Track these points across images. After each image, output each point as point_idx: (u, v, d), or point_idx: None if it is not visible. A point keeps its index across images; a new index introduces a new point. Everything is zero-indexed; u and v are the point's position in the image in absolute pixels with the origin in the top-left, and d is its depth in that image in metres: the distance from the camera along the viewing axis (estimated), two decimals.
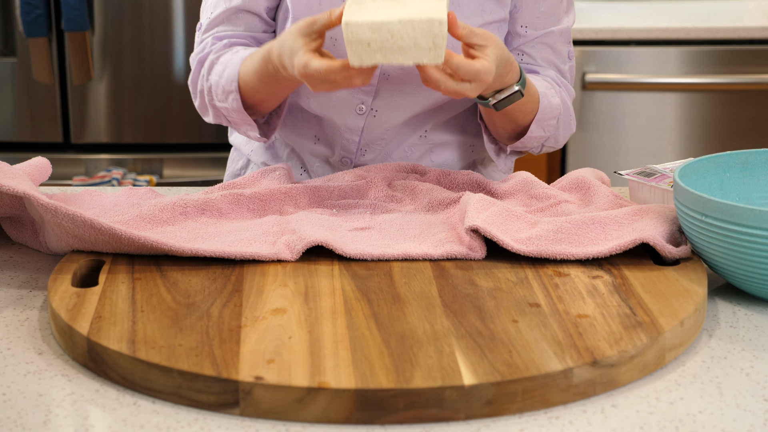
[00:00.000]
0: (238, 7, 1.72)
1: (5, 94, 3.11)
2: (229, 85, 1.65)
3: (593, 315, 1.25)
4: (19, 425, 1.10)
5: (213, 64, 1.70)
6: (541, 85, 1.70)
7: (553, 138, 1.76)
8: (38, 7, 3.00)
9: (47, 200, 1.39)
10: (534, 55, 1.75)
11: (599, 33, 3.00)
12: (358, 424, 1.11)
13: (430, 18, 1.42)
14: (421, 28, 1.42)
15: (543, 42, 1.75)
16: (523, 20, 1.73)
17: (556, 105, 1.71)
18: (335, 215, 1.54)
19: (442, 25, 1.42)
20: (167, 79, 3.10)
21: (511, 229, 1.44)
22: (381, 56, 1.44)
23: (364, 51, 1.44)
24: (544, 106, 1.69)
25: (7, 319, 1.33)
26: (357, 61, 1.44)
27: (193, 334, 1.21)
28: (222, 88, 1.67)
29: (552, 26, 1.74)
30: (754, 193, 1.49)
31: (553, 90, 1.72)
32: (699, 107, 3.05)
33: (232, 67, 1.66)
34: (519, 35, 1.74)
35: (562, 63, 1.78)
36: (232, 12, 1.73)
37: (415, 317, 1.25)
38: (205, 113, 1.75)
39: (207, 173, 3.15)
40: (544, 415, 1.12)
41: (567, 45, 1.78)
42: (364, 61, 1.44)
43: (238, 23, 1.73)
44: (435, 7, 1.44)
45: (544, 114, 1.69)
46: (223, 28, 1.74)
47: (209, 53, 1.72)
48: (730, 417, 1.12)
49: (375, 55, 1.44)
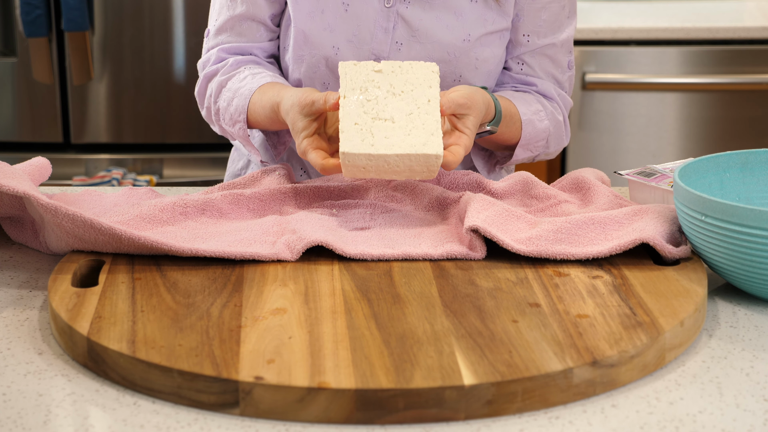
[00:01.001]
0: (241, 15, 1.73)
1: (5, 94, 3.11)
2: (238, 116, 1.68)
3: (593, 315, 1.25)
4: (19, 425, 1.10)
5: (221, 87, 1.72)
6: (528, 110, 1.73)
7: (544, 154, 1.80)
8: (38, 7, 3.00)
9: (47, 200, 1.39)
10: (534, 66, 1.77)
11: (599, 33, 3.00)
12: (358, 424, 1.11)
13: (426, 154, 1.46)
14: (417, 161, 1.47)
15: (544, 53, 1.76)
16: (525, 29, 1.74)
17: (542, 129, 1.74)
18: (335, 215, 1.54)
19: (438, 159, 1.47)
20: (167, 79, 3.10)
21: (511, 229, 1.44)
22: (375, 174, 1.48)
23: (359, 171, 1.48)
24: (528, 132, 1.72)
25: (7, 319, 1.33)
26: (350, 176, 1.49)
27: (193, 334, 1.21)
28: (230, 115, 1.70)
29: (554, 36, 1.75)
30: (754, 193, 1.49)
31: (543, 113, 1.75)
32: (699, 107, 3.05)
33: (241, 99, 1.68)
34: (521, 44, 1.75)
35: (561, 74, 1.79)
36: (236, 20, 1.74)
37: (415, 317, 1.25)
38: (212, 125, 1.79)
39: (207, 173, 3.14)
40: (544, 415, 1.12)
41: (568, 55, 1.78)
42: (358, 176, 1.49)
43: (243, 32, 1.74)
44: (431, 141, 1.47)
45: (528, 140, 1.73)
46: (228, 38, 1.75)
47: (216, 72, 1.74)
48: (730, 417, 1.12)
49: (369, 174, 1.48)
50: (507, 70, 1.78)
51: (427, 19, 1.69)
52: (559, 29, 1.75)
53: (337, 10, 1.68)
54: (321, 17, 1.69)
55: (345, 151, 1.46)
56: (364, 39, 1.68)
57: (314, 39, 1.69)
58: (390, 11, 1.69)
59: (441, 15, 1.69)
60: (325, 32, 1.69)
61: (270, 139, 1.75)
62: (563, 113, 1.80)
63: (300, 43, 1.70)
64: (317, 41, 1.69)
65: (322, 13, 1.69)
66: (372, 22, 1.69)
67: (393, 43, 1.69)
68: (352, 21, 1.69)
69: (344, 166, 1.47)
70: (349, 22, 1.69)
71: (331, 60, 1.69)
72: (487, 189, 1.61)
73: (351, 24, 1.69)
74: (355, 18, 1.69)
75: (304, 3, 1.69)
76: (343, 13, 1.68)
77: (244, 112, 1.67)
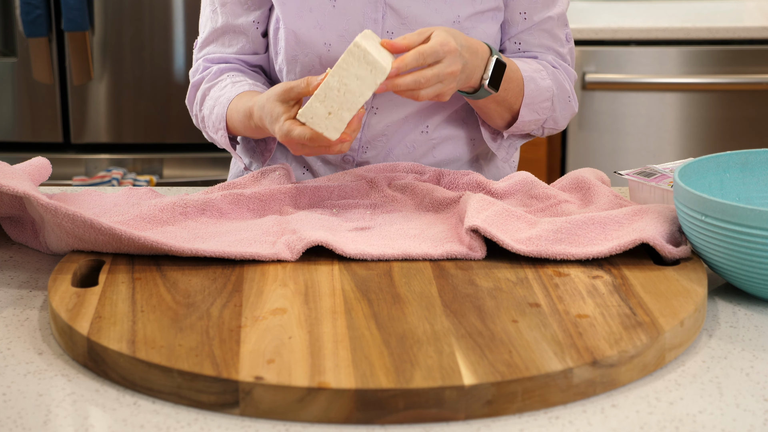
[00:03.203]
0: (223, 26, 1.78)
1: (5, 94, 3.11)
2: (218, 123, 1.71)
3: (593, 315, 1.25)
4: (19, 425, 1.10)
5: (205, 95, 1.76)
6: (528, 68, 1.71)
7: (552, 119, 1.76)
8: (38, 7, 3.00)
9: (47, 200, 1.39)
10: (531, 42, 1.76)
11: (599, 33, 3.00)
12: (358, 424, 1.11)
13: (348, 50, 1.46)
14: (350, 63, 1.46)
15: (540, 28, 1.75)
16: (521, 6, 1.74)
17: (546, 87, 1.71)
18: (335, 215, 1.54)
19: (358, 46, 1.45)
20: (167, 79, 3.10)
21: (511, 229, 1.44)
22: (347, 112, 1.47)
23: (331, 121, 1.47)
24: (531, 90, 1.69)
25: (7, 319, 1.33)
26: (334, 133, 1.48)
27: (193, 334, 1.21)
28: (212, 123, 1.73)
29: (549, 9, 1.75)
30: (754, 193, 1.49)
31: (544, 72, 1.72)
32: (699, 107, 3.05)
33: (220, 108, 1.71)
34: (517, 23, 1.75)
35: (560, 46, 1.78)
36: (218, 32, 1.79)
37: (415, 317, 1.25)
38: (202, 131, 1.82)
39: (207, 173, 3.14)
40: (544, 415, 1.12)
41: (564, 28, 1.78)
42: (339, 127, 1.48)
43: (225, 43, 1.79)
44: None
45: (533, 98, 1.70)
46: (213, 49, 1.80)
47: (202, 80, 1.78)
48: (730, 417, 1.12)
49: (342, 115, 1.47)
50: (503, 52, 1.78)
51: (415, 5, 1.69)
52: (554, 3, 1.75)
53: (325, 7, 1.69)
54: (309, 15, 1.69)
55: (299, 112, 1.47)
56: (354, 33, 1.68)
57: (305, 38, 1.70)
58: (377, 2, 1.69)
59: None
60: (315, 30, 1.69)
61: (258, 146, 1.77)
62: (569, 81, 1.78)
63: (292, 44, 1.71)
64: (308, 40, 1.70)
65: (310, 11, 1.69)
66: (360, 14, 1.69)
67: (384, 33, 1.69)
68: (341, 16, 1.69)
69: (317, 129, 1.47)
70: (338, 17, 1.69)
71: (324, 57, 1.70)
72: (487, 189, 1.61)
73: (340, 19, 1.69)
74: (344, 12, 1.69)
75: (291, 3, 1.70)
76: (331, 9, 1.69)
77: (224, 119, 1.70)
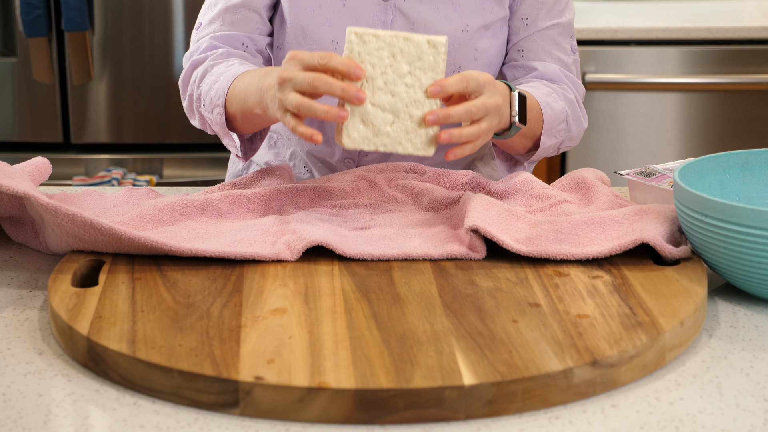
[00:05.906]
0: (237, 3, 1.72)
1: (5, 94, 3.11)
2: (217, 99, 1.63)
3: (593, 315, 1.25)
4: (19, 425, 1.10)
5: (206, 72, 1.68)
6: (540, 94, 1.68)
7: (568, 139, 1.75)
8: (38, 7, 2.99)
9: (47, 200, 1.39)
10: (535, 50, 1.75)
11: (599, 33, 3.00)
12: (358, 424, 1.11)
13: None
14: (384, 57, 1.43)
15: (545, 35, 1.74)
16: (523, 12, 1.73)
17: (560, 109, 1.70)
18: (335, 215, 1.54)
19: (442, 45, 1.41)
20: (167, 79, 3.10)
21: (511, 229, 1.44)
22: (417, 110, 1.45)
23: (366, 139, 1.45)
24: (548, 115, 1.67)
25: (7, 319, 1.33)
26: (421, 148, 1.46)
27: (193, 334, 1.21)
28: (210, 99, 1.65)
29: (553, 18, 1.74)
30: (754, 193, 1.49)
31: (555, 94, 1.71)
32: (699, 107, 3.05)
33: (223, 82, 1.63)
34: (520, 29, 1.74)
35: (565, 56, 1.77)
36: (231, 9, 1.72)
37: (415, 317, 1.25)
38: (192, 116, 1.74)
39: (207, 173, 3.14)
40: (544, 415, 1.12)
41: (570, 39, 1.77)
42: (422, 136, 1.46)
43: (237, 22, 1.72)
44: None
45: (551, 123, 1.68)
46: (221, 27, 1.72)
47: (205, 59, 1.71)
48: (730, 417, 1.12)
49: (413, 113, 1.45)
50: (506, 61, 1.77)
51: (424, 11, 1.69)
52: (560, 13, 1.75)
53: (335, 5, 1.69)
54: (319, 12, 1.69)
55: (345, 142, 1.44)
56: None
57: (313, 34, 1.69)
58: (387, 5, 1.69)
59: (438, 6, 1.69)
60: (323, 27, 1.69)
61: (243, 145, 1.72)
62: (575, 94, 1.76)
63: (298, 39, 1.70)
64: (316, 36, 1.69)
65: (320, 8, 1.69)
66: (370, 16, 1.69)
67: None
68: (350, 15, 1.69)
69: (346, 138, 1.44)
70: (348, 16, 1.69)
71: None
72: (487, 189, 1.61)
73: (349, 19, 1.69)
74: (353, 12, 1.69)
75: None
76: (341, 7, 1.69)
77: (224, 95, 1.62)
